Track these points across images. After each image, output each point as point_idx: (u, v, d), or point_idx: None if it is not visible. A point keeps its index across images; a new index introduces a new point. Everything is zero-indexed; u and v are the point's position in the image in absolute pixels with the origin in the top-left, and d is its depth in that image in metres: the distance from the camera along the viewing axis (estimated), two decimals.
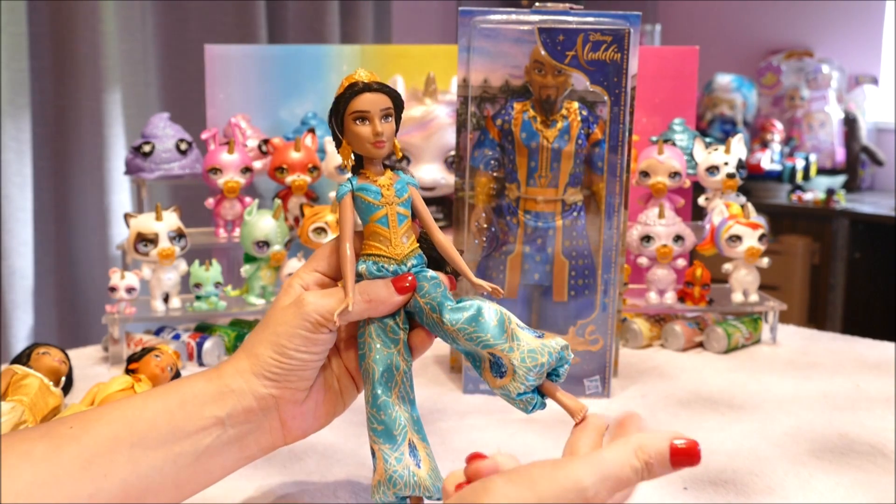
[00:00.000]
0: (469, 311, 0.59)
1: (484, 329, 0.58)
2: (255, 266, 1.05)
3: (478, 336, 0.58)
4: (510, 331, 0.58)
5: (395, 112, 0.60)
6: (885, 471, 0.75)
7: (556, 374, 0.59)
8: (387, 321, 0.61)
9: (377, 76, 0.60)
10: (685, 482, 0.73)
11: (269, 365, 0.59)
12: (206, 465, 0.58)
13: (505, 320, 0.59)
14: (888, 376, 0.98)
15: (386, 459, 0.60)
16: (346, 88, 0.59)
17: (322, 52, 1.35)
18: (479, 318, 0.59)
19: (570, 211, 0.90)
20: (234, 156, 1.10)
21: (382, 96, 0.59)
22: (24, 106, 1.92)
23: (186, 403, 0.57)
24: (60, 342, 1.19)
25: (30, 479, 0.51)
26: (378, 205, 0.60)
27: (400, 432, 0.60)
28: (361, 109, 0.58)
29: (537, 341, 0.58)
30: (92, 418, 0.55)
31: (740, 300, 1.09)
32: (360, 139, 0.59)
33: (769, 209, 3.03)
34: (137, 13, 2.15)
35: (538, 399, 0.59)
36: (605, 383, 0.92)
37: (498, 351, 0.58)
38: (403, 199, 0.61)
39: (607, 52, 0.86)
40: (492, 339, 0.58)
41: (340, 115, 0.59)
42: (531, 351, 0.57)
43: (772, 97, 3.42)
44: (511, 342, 0.58)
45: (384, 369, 0.60)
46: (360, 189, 0.60)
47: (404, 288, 0.60)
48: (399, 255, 0.60)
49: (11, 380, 0.81)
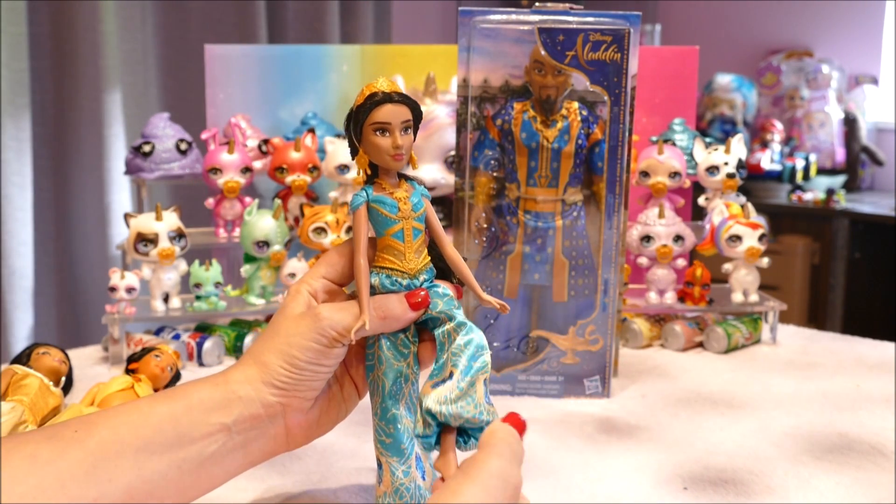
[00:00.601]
0: (468, 335, 0.59)
1: (467, 356, 0.58)
2: (255, 266, 1.05)
3: (458, 357, 0.58)
4: (478, 378, 0.58)
5: (413, 124, 0.59)
6: (885, 471, 0.75)
7: (465, 440, 0.58)
8: (398, 335, 0.61)
9: (397, 85, 0.59)
10: (685, 482, 0.73)
11: (278, 375, 0.59)
12: (209, 471, 0.58)
13: (484, 367, 0.59)
14: (888, 376, 0.98)
15: (393, 472, 0.60)
16: (366, 98, 0.58)
17: (322, 52, 1.35)
18: (471, 345, 0.59)
19: (570, 211, 0.90)
20: (234, 156, 1.10)
21: (403, 108, 0.58)
22: (24, 106, 1.93)
23: (192, 409, 0.57)
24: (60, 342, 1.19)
25: (34, 483, 0.50)
26: (395, 219, 0.59)
27: (408, 445, 0.60)
28: (382, 121, 0.58)
29: (484, 402, 0.57)
30: (97, 422, 0.55)
31: (740, 300, 1.09)
32: (380, 150, 0.58)
33: (769, 209, 3.03)
34: (137, 13, 2.16)
35: (434, 438, 0.58)
36: (605, 383, 0.92)
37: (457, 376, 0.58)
38: (419, 213, 0.60)
39: (607, 52, 0.86)
40: (461, 370, 0.58)
41: (360, 125, 0.58)
42: (473, 399, 0.57)
43: (772, 97, 3.42)
44: (468, 387, 0.57)
45: (394, 382, 0.60)
46: (376, 201, 0.59)
47: (417, 304, 0.59)
48: (412, 269, 0.60)
49: (11, 380, 0.81)
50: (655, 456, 0.78)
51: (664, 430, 0.84)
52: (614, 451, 0.79)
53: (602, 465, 0.76)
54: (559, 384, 0.92)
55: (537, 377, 0.92)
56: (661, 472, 0.75)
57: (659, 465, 0.76)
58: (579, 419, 0.86)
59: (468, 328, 0.59)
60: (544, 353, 0.92)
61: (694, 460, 0.77)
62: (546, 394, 0.92)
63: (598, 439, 0.82)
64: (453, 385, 0.57)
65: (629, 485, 0.73)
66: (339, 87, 1.31)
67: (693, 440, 0.81)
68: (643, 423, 0.85)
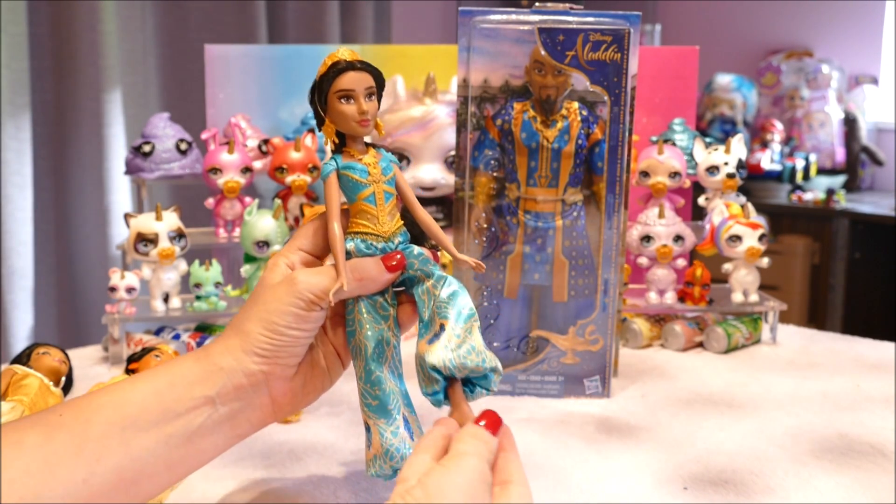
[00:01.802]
0: (450, 287, 0.60)
1: (454, 306, 0.59)
2: (255, 266, 1.05)
3: (445, 309, 0.59)
4: (472, 325, 0.59)
5: (377, 91, 0.61)
6: (885, 471, 0.75)
7: (471, 388, 0.59)
8: (376, 298, 0.62)
9: (358, 55, 0.60)
10: (685, 482, 0.73)
11: (259, 342, 0.59)
12: (198, 446, 0.58)
13: (474, 315, 0.60)
14: (888, 376, 0.98)
15: (382, 434, 0.61)
16: (329, 67, 0.60)
17: (322, 52, 1.34)
18: (456, 297, 0.60)
19: (570, 211, 0.90)
20: (234, 156, 1.10)
21: (366, 75, 0.60)
22: (24, 106, 1.92)
23: (175, 385, 0.58)
24: (60, 342, 1.19)
25: (23, 468, 0.51)
26: (365, 183, 0.61)
27: (394, 406, 0.61)
28: (346, 88, 0.59)
29: (483, 348, 0.58)
30: (81, 405, 0.56)
31: (740, 300, 1.09)
32: (345, 118, 0.60)
33: (769, 209, 3.03)
34: (137, 13, 2.16)
35: (442, 393, 0.58)
36: (605, 383, 0.92)
37: (450, 327, 0.58)
38: (389, 177, 0.62)
39: (607, 52, 0.86)
40: (453, 320, 0.59)
41: (324, 94, 0.60)
42: (473, 347, 0.58)
43: (772, 97, 3.42)
44: (465, 335, 0.58)
45: (376, 345, 0.61)
46: (345, 167, 0.61)
47: (393, 266, 0.61)
48: (386, 232, 0.62)
49: (11, 380, 0.81)
50: (655, 456, 0.78)
51: (664, 430, 0.84)
52: (614, 451, 0.79)
53: (602, 465, 0.76)
54: (559, 384, 0.92)
55: (537, 377, 0.92)
56: (661, 472, 0.75)
57: (659, 465, 0.76)
58: (579, 419, 0.86)
59: (447, 281, 0.61)
60: (544, 353, 0.92)
61: (694, 460, 0.77)
62: (546, 394, 0.92)
63: (598, 439, 0.82)
64: (450, 336, 0.58)
65: (629, 485, 0.73)
66: None
67: (693, 440, 0.81)
68: (643, 423, 0.85)
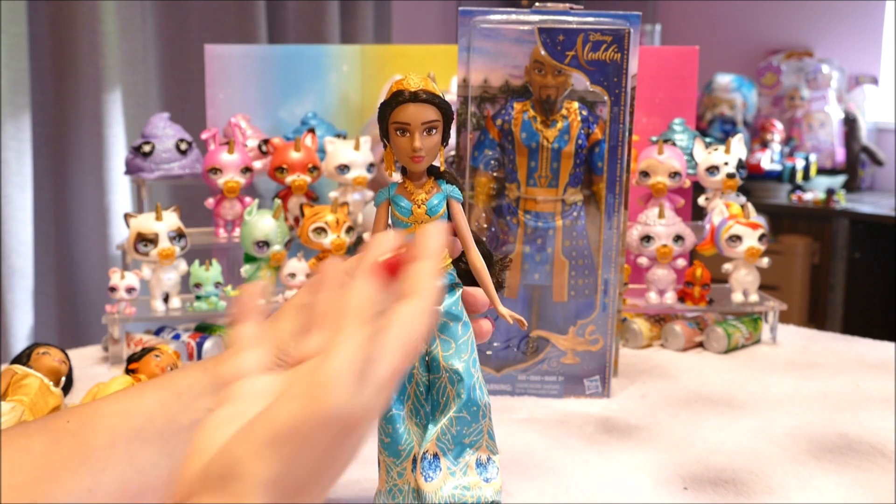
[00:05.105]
0: (460, 397, 0.59)
1: (454, 434, 0.59)
2: (255, 266, 1.05)
3: (444, 440, 0.59)
4: (469, 462, 0.59)
5: (442, 124, 0.58)
6: (885, 471, 0.75)
7: None
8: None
9: (430, 83, 0.57)
10: (685, 482, 0.73)
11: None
12: None
13: (476, 444, 0.60)
14: (888, 376, 0.98)
15: (389, 472, 0.60)
16: (392, 95, 0.57)
17: (322, 52, 1.35)
18: (464, 418, 0.59)
19: (570, 211, 0.90)
20: (234, 156, 1.10)
21: (428, 108, 0.57)
22: (24, 106, 1.92)
23: (182, 395, 0.57)
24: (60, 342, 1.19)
25: (28, 474, 0.51)
26: (406, 221, 0.59)
27: (405, 448, 0.60)
28: (402, 122, 0.57)
29: (480, 483, 0.59)
30: (89, 413, 0.55)
31: (740, 300, 1.09)
32: (400, 151, 0.58)
33: (769, 209, 3.02)
34: (137, 13, 2.15)
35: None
36: (605, 383, 0.92)
37: (446, 465, 0.59)
38: (436, 217, 0.59)
39: (607, 52, 0.86)
40: (452, 457, 0.59)
41: (385, 123, 0.58)
42: (466, 490, 0.58)
43: (772, 97, 3.42)
44: (461, 477, 0.59)
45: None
46: (394, 199, 0.60)
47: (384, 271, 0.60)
48: None
49: (11, 380, 0.81)
50: (655, 456, 0.78)
51: (664, 430, 0.84)
52: (614, 451, 0.79)
53: (602, 465, 0.76)
54: (559, 384, 0.92)
55: (537, 377, 0.92)
56: (661, 472, 0.75)
57: (659, 465, 0.76)
58: (579, 419, 0.86)
59: (462, 385, 0.59)
60: (544, 353, 0.91)
61: (694, 460, 0.77)
62: (546, 394, 0.92)
63: (598, 439, 0.82)
64: (443, 477, 0.58)
65: (629, 485, 0.73)
66: (338, 87, 1.31)
67: (693, 440, 0.81)
68: (643, 423, 0.85)
